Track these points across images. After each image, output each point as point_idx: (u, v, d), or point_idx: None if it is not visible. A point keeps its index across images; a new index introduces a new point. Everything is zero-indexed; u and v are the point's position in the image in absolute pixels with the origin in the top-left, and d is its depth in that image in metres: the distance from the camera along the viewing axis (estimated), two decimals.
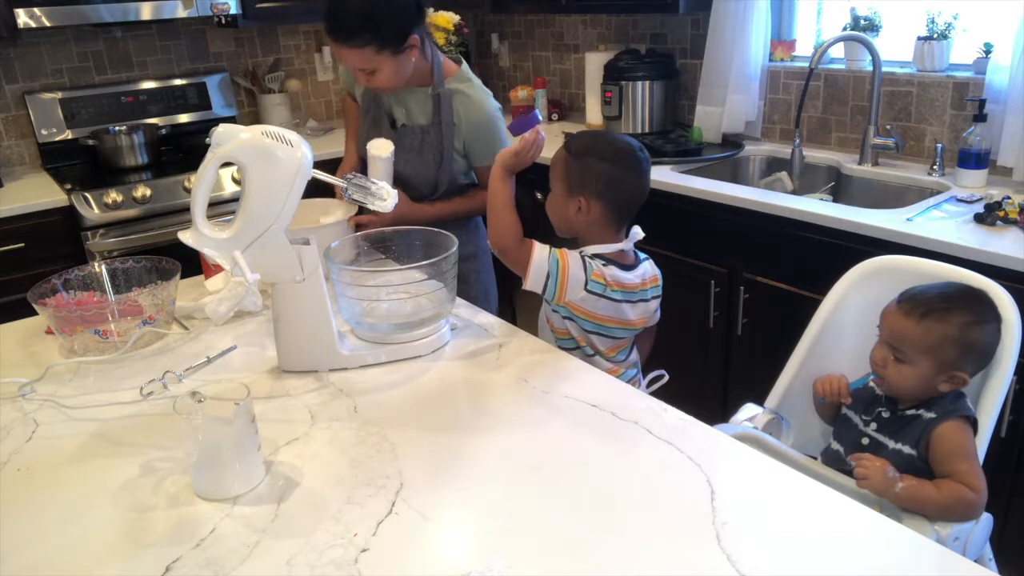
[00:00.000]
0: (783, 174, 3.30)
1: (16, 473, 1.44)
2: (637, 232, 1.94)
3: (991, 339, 1.64)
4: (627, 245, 1.92)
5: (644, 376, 2.06)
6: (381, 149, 2.33)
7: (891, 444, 1.65)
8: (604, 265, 1.86)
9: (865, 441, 1.69)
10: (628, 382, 1.86)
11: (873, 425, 1.69)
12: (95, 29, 4.03)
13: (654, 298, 1.97)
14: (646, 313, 1.96)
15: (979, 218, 2.49)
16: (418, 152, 2.49)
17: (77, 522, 1.29)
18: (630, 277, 1.89)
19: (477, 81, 2.52)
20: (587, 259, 1.85)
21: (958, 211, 2.61)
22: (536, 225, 1.93)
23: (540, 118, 1.97)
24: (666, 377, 2.01)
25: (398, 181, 2.46)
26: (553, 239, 1.90)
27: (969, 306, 1.62)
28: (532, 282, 1.84)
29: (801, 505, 1.27)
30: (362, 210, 2.08)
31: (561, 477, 1.36)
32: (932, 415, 1.61)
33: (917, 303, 1.64)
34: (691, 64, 3.93)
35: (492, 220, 1.90)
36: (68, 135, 3.99)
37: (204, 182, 1.59)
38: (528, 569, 1.14)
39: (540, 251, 1.84)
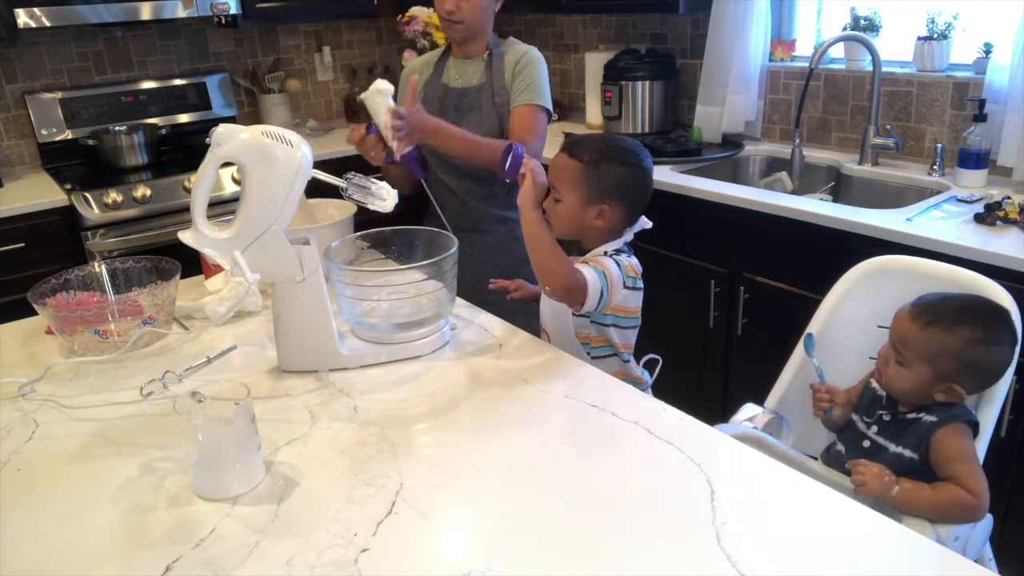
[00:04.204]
0: (783, 174, 3.30)
1: (16, 473, 1.44)
2: (644, 221, 1.92)
3: (997, 360, 1.61)
4: (630, 236, 1.91)
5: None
6: (377, 86, 2.24)
7: (892, 447, 1.64)
8: (628, 256, 1.87)
9: (866, 444, 1.69)
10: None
11: (874, 428, 1.69)
12: (95, 29, 4.03)
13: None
14: None
15: (979, 218, 2.49)
16: (478, 110, 2.57)
17: (77, 522, 1.29)
18: (632, 259, 1.89)
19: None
20: (615, 258, 1.84)
21: (958, 211, 2.61)
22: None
23: (522, 149, 1.89)
24: (660, 361, 2.00)
25: None
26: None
27: (980, 323, 1.59)
28: (589, 305, 1.78)
29: (801, 505, 1.27)
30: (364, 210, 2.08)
31: (561, 477, 1.36)
32: (933, 419, 1.60)
33: (927, 309, 1.62)
34: (691, 64, 3.93)
35: (546, 264, 1.76)
36: (68, 135, 3.98)
37: (204, 182, 1.59)
38: (528, 569, 1.14)
39: (590, 273, 1.77)
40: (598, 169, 1.84)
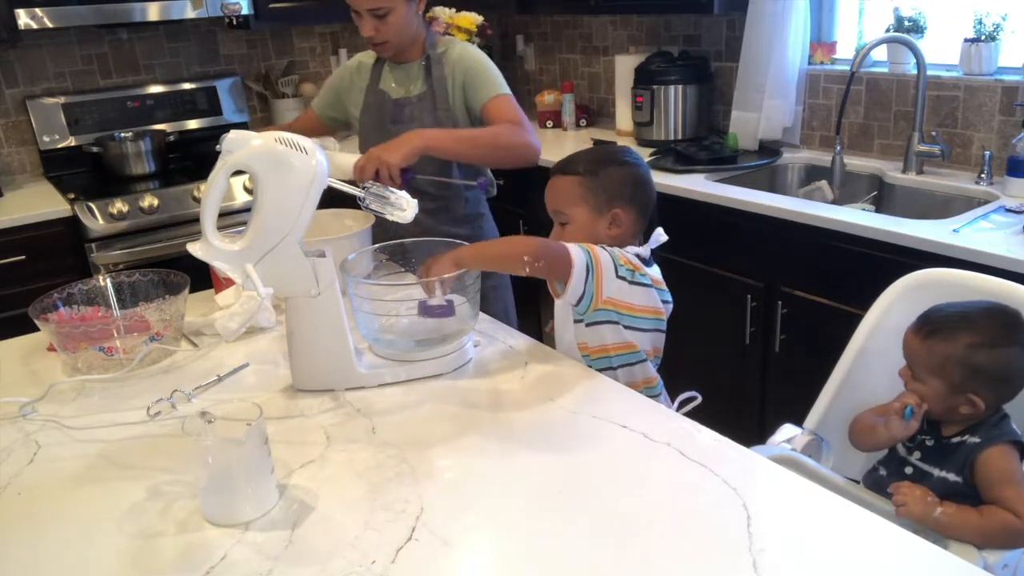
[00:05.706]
0: (823, 183, 3.29)
1: (17, 497, 1.45)
2: (660, 235, 1.91)
3: (1007, 363, 1.60)
4: (646, 251, 1.90)
5: (672, 399, 2.04)
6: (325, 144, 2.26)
7: (936, 472, 1.64)
8: (629, 254, 1.84)
9: (908, 470, 1.69)
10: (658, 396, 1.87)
11: (916, 454, 1.69)
12: (100, 30, 4.06)
13: (665, 302, 1.93)
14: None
15: None
16: (418, 121, 2.57)
17: (81, 548, 1.30)
18: (651, 269, 1.88)
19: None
20: (607, 247, 1.82)
21: (1007, 222, 2.60)
22: None
23: (425, 304, 1.78)
24: (698, 399, 1.97)
25: None
26: None
27: (983, 327, 1.60)
28: (575, 285, 1.74)
29: (842, 531, 1.27)
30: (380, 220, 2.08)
31: (589, 501, 1.36)
32: (976, 440, 1.60)
33: (928, 321, 1.65)
34: (726, 67, 3.92)
35: (508, 250, 1.85)
36: (71, 142, 4.02)
37: (214, 191, 1.60)
38: None
39: (573, 247, 1.75)
40: (599, 176, 1.85)
